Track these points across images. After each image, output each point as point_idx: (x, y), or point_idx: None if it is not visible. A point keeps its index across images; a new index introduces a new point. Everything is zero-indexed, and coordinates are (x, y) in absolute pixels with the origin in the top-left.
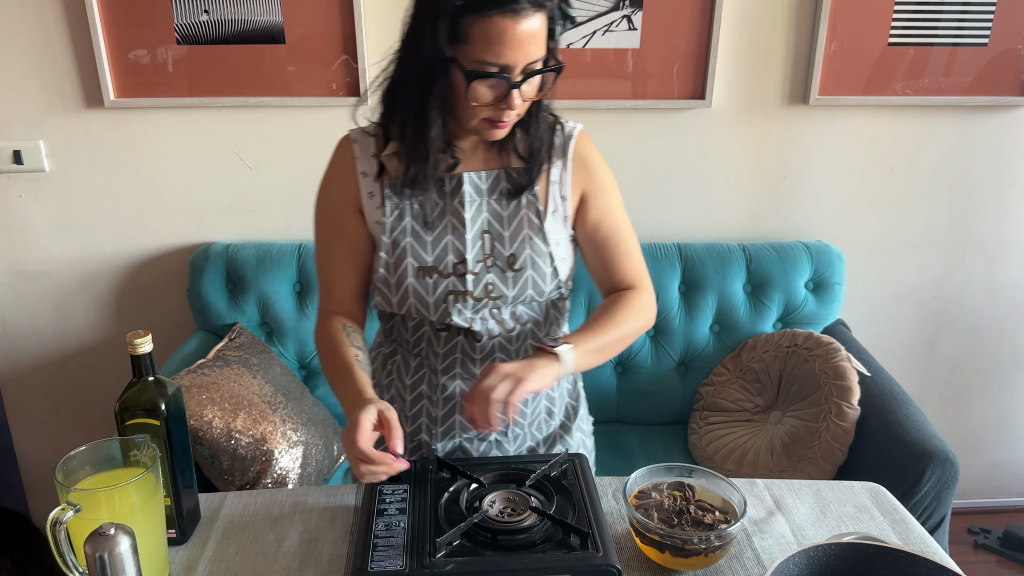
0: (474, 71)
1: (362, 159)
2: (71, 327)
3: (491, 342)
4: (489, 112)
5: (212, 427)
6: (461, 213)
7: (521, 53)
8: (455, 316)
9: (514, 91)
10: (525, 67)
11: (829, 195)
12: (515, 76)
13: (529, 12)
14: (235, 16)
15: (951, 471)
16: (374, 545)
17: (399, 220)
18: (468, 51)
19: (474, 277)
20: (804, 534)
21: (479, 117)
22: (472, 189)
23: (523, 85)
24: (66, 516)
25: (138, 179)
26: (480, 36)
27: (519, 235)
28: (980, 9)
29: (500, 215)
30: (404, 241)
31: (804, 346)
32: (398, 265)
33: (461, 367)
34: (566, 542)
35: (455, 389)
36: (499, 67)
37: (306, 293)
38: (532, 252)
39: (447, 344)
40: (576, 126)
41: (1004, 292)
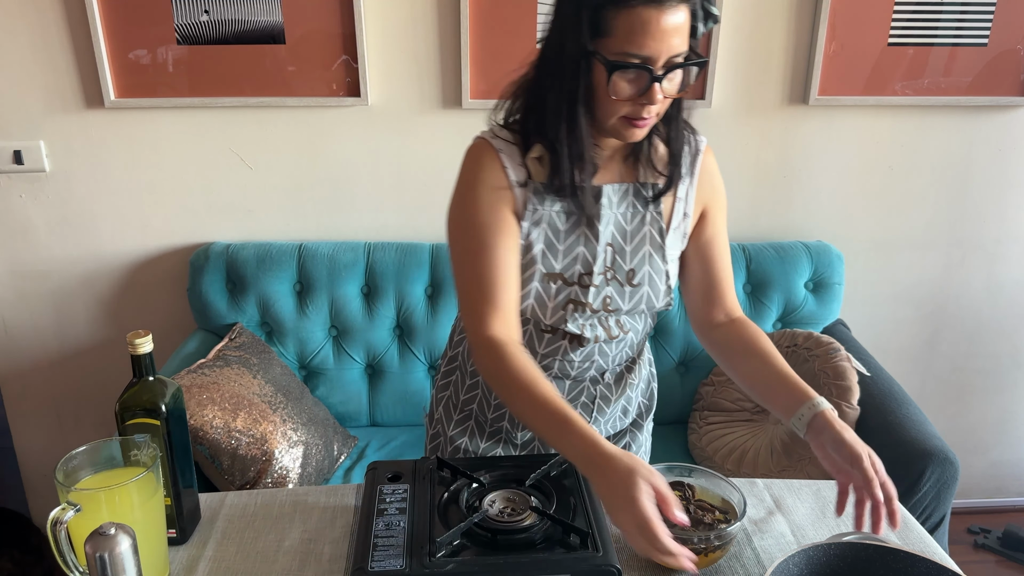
0: (616, 62)
1: (511, 168)
2: (71, 327)
3: (593, 346)
4: (629, 108)
5: (212, 427)
6: (596, 225)
7: (664, 44)
8: (569, 323)
9: (655, 85)
10: (667, 60)
11: (829, 195)
12: (657, 69)
13: (672, 4)
14: (235, 16)
15: (951, 471)
16: (374, 545)
17: (535, 225)
18: (610, 44)
19: (595, 289)
20: (804, 534)
21: (618, 114)
22: (607, 202)
23: (664, 80)
24: (66, 516)
25: (138, 179)
26: (623, 28)
27: (640, 251)
28: (980, 9)
29: (624, 229)
30: (537, 247)
31: (804, 346)
32: (526, 268)
33: (559, 368)
34: (566, 542)
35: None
36: (641, 59)
37: (306, 293)
38: (651, 269)
39: (549, 345)
40: (703, 139)
41: (1004, 292)
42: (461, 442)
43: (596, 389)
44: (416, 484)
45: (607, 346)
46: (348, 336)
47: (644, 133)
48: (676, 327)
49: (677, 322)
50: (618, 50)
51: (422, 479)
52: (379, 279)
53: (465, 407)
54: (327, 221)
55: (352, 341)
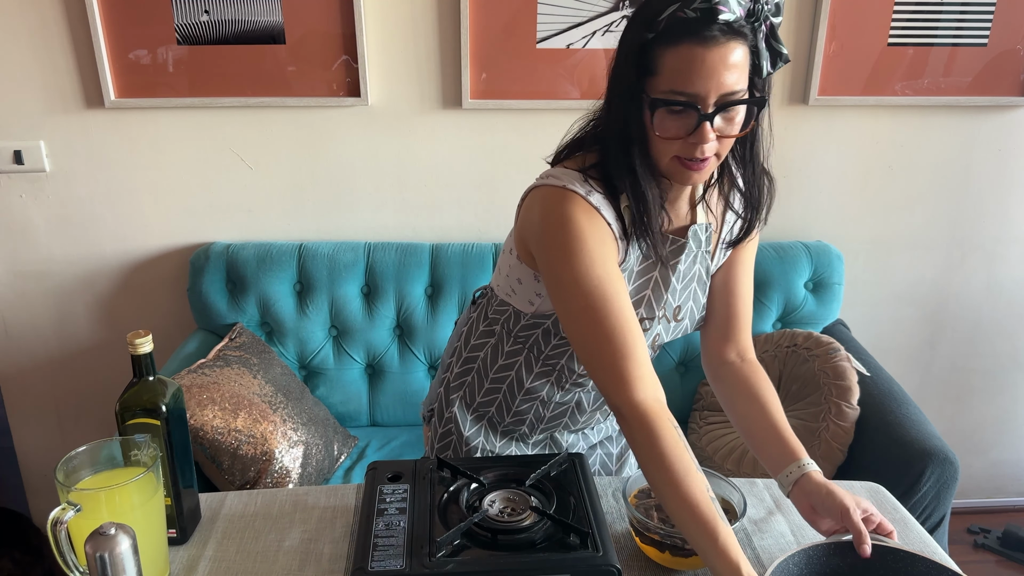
0: (659, 99)
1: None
2: (71, 327)
3: None
4: (679, 148)
5: (212, 427)
6: (668, 273)
7: (712, 82)
8: None
9: (705, 124)
10: (719, 99)
11: (829, 195)
12: (706, 108)
13: (722, 41)
14: (235, 16)
15: (950, 471)
16: (374, 545)
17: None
18: (658, 83)
19: (649, 331)
20: (804, 534)
21: (670, 155)
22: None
23: (716, 119)
24: (67, 516)
25: (138, 179)
26: (670, 65)
27: (688, 289)
28: (980, 9)
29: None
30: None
31: (804, 346)
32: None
33: (592, 384)
34: (566, 542)
35: (573, 398)
36: (687, 96)
37: (306, 293)
38: (693, 304)
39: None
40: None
41: (1004, 292)
42: (477, 442)
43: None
44: (416, 484)
45: None
46: (348, 336)
47: (703, 176)
48: None
49: None
50: (666, 88)
51: (422, 479)
52: (379, 279)
53: (481, 408)
54: (327, 221)
55: (352, 341)
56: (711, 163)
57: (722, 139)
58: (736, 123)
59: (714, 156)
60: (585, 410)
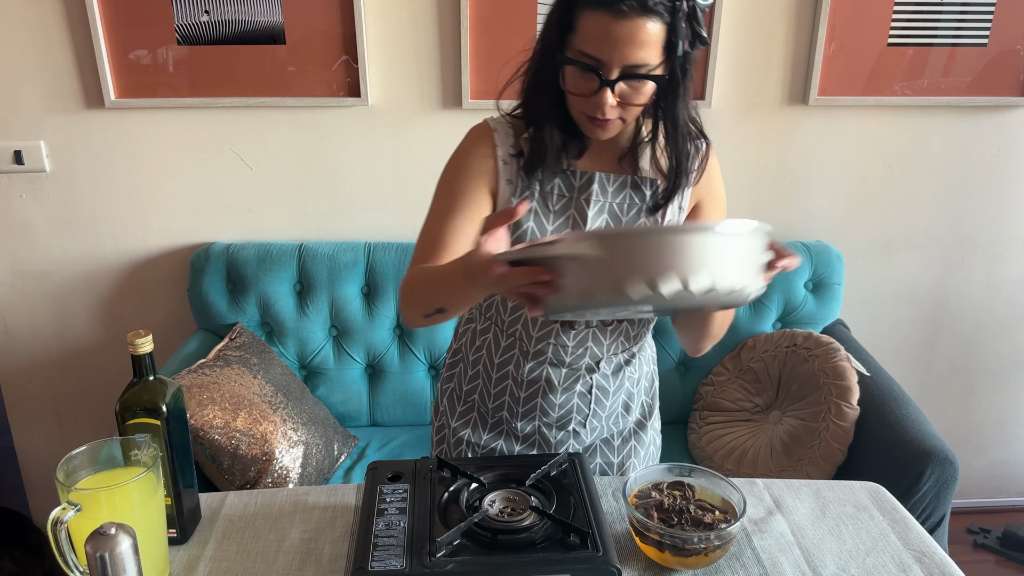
0: (568, 58)
1: (502, 147)
2: (71, 327)
3: (586, 331)
4: (586, 105)
5: (213, 427)
6: (585, 210)
7: (616, 52)
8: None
9: (606, 90)
10: (623, 69)
11: (829, 195)
12: (609, 75)
13: (632, 16)
14: (235, 16)
15: (950, 471)
16: (374, 545)
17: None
18: (574, 40)
19: None
20: (804, 533)
21: (578, 109)
22: (599, 189)
23: (619, 86)
24: (67, 516)
25: (138, 179)
26: (584, 28)
27: None
28: (979, 9)
29: (620, 219)
30: (526, 224)
31: (803, 346)
32: (516, 244)
33: (552, 352)
34: (566, 542)
35: (541, 373)
36: (592, 60)
37: (306, 293)
38: None
39: (542, 329)
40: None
41: (1004, 292)
42: (464, 434)
43: (592, 378)
44: (416, 484)
45: (600, 333)
46: (348, 336)
47: (608, 133)
48: None
49: None
50: (578, 48)
51: (422, 479)
52: (379, 279)
53: (468, 398)
54: (327, 221)
55: (352, 341)
56: (614, 124)
57: (627, 106)
58: (644, 93)
59: (619, 120)
60: (556, 388)
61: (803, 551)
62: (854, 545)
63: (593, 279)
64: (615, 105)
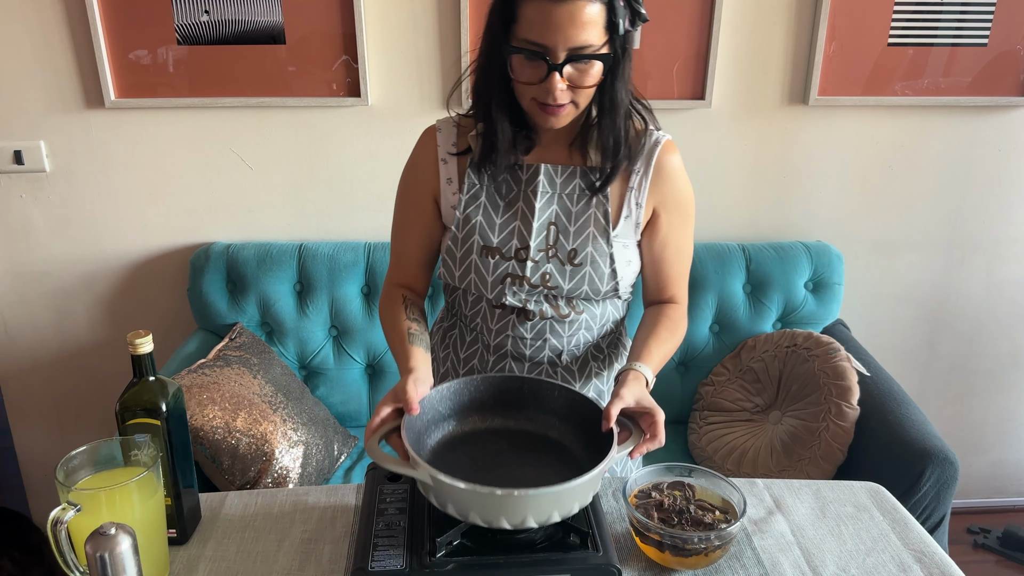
0: (514, 47)
1: (444, 146)
2: (71, 327)
3: (543, 323)
4: (535, 92)
5: (212, 427)
6: (532, 201)
7: (559, 36)
8: (509, 296)
9: (554, 73)
10: (569, 52)
11: (829, 195)
12: (556, 59)
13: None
14: (235, 16)
15: (950, 471)
16: (374, 545)
17: (474, 199)
18: (517, 31)
19: (533, 264)
20: (804, 533)
21: (528, 97)
22: (546, 180)
23: (567, 69)
24: (67, 516)
25: (138, 179)
26: (526, 17)
27: (584, 232)
28: (980, 9)
29: (569, 210)
30: (475, 219)
31: (804, 346)
32: (465, 241)
33: (512, 346)
34: (566, 542)
35: (505, 367)
36: (538, 47)
37: (306, 293)
38: (594, 251)
39: (500, 321)
40: (663, 135)
41: (1004, 292)
42: None
43: (556, 372)
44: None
45: (559, 325)
46: (348, 336)
47: (561, 121)
48: None
49: None
50: (522, 37)
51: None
52: (379, 279)
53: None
54: (327, 221)
55: (352, 341)
56: (567, 109)
57: (577, 89)
58: (592, 74)
59: (571, 104)
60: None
61: (803, 551)
62: (854, 545)
63: (427, 491)
64: (565, 89)
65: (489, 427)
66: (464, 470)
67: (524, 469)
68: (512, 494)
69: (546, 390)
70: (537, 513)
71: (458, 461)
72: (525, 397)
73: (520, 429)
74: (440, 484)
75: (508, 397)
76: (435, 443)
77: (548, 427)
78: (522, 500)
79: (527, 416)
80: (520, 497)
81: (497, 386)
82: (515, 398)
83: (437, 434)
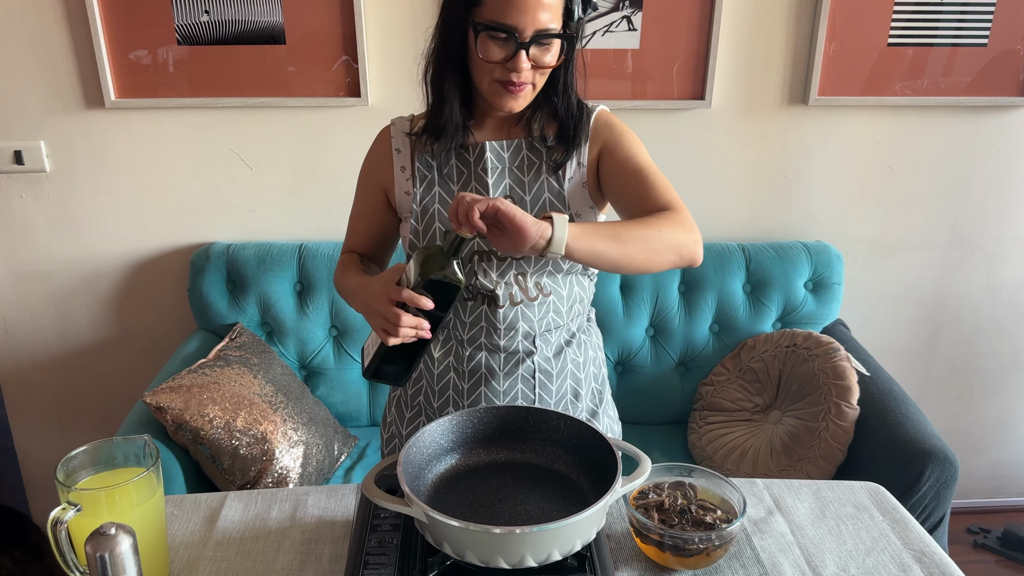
0: (483, 25)
1: (397, 137)
2: (71, 327)
3: (513, 309)
4: (500, 72)
5: (213, 427)
6: (484, 179)
7: (528, 17)
8: (481, 276)
9: (522, 52)
10: (535, 33)
11: (829, 195)
12: (524, 38)
13: None
14: (236, 16)
15: (950, 471)
16: (365, 563)
17: (428, 189)
18: (483, 12)
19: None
20: (803, 533)
21: (490, 78)
22: (494, 156)
23: (531, 49)
24: (67, 516)
25: (138, 179)
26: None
27: (539, 200)
28: (979, 9)
29: (521, 181)
30: (432, 207)
31: (803, 346)
32: (427, 231)
33: (485, 337)
34: (563, 564)
35: (480, 360)
36: (507, 27)
37: (306, 293)
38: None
39: (472, 313)
40: (598, 105)
41: (1004, 292)
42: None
43: (533, 361)
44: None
45: (528, 309)
46: (348, 336)
47: (520, 102)
48: (676, 327)
49: (677, 322)
50: (489, 18)
51: None
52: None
53: (413, 402)
54: (327, 221)
55: (352, 341)
56: (527, 90)
57: (537, 69)
58: (553, 55)
59: (530, 85)
60: (498, 374)
61: (803, 551)
62: (854, 545)
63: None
64: (529, 68)
65: (493, 460)
66: (465, 505)
67: (527, 504)
68: (512, 532)
69: (552, 420)
70: (535, 552)
71: (460, 496)
72: (530, 428)
73: (526, 462)
74: (434, 522)
75: (513, 428)
76: (436, 477)
77: (554, 459)
78: (519, 538)
79: (532, 448)
80: (517, 535)
81: (502, 417)
82: (520, 429)
83: (439, 468)
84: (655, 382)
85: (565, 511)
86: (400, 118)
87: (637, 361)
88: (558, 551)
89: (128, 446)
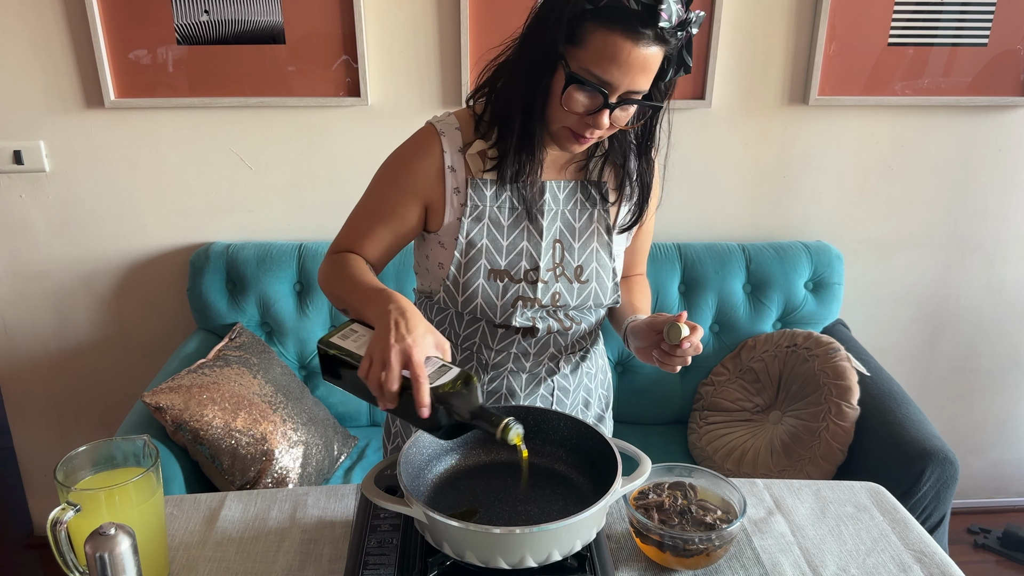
0: (577, 75)
1: (450, 153)
2: (71, 327)
3: (547, 337)
4: (575, 123)
5: (212, 427)
6: (540, 220)
7: (627, 78)
8: (518, 319)
9: (605, 111)
10: (625, 93)
11: (829, 195)
12: (612, 97)
13: (649, 42)
14: (235, 16)
15: (950, 471)
16: (364, 563)
17: (476, 221)
18: (580, 55)
19: (543, 285)
20: (804, 534)
21: (564, 123)
22: (551, 197)
23: (617, 109)
24: (66, 516)
25: (138, 179)
26: (595, 46)
27: (588, 248)
28: (980, 9)
29: (572, 226)
30: (480, 242)
31: (804, 346)
32: (470, 266)
33: (514, 362)
34: (563, 564)
35: (502, 383)
36: (601, 82)
37: (306, 293)
38: (598, 265)
39: (503, 341)
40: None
41: (1004, 292)
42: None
43: (553, 380)
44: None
45: (560, 337)
46: None
47: (582, 149)
48: None
49: None
50: (584, 65)
51: None
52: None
53: None
54: (327, 221)
55: None
56: (594, 140)
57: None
58: (631, 115)
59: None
60: (518, 395)
61: (803, 551)
62: (854, 545)
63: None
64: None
65: (494, 460)
66: (465, 506)
67: (528, 504)
68: (512, 532)
69: (552, 420)
70: (535, 552)
71: (459, 496)
72: (530, 428)
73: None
74: (434, 522)
75: None
76: (436, 477)
77: (555, 460)
78: (519, 538)
79: (532, 448)
80: (517, 535)
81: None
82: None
83: (439, 468)
84: (655, 382)
85: (565, 511)
86: (446, 124)
87: (637, 361)
88: (558, 551)
89: (128, 446)
